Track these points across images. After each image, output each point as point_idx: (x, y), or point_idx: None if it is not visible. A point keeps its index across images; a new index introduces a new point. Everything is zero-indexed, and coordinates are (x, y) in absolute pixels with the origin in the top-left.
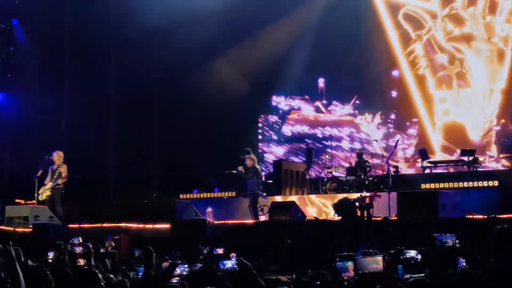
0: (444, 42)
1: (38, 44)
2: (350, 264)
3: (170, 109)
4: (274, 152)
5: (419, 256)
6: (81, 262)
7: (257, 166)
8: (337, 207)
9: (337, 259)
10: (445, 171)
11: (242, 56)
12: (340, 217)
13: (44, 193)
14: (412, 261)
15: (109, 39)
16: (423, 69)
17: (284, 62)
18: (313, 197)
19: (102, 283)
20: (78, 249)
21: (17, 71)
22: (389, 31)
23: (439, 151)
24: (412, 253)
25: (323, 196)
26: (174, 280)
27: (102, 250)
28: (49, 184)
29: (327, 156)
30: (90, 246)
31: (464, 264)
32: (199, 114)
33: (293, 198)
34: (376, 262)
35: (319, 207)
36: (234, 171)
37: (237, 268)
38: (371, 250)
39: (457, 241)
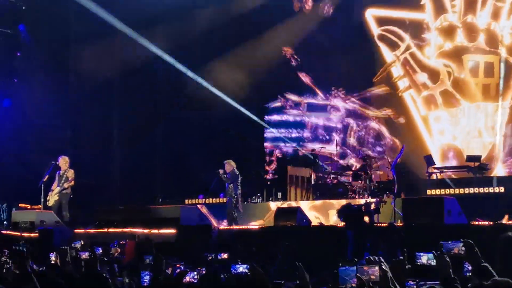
0: (426, 59)
1: (44, 49)
2: (353, 270)
3: (175, 113)
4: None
5: (432, 262)
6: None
7: (237, 172)
8: (341, 213)
9: (340, 264)
10: (451, 177)
11: (246, 57)
12: (344, 223)
13: (52, 198)
14: (425, 267)
15: (115, 43)
16: (406, 89)
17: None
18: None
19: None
20: (84, 254)
21: (23, 76)
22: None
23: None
24: (423, 258)
25: (319, 205)
26: None
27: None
28: (56, 189)
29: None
30: (101, 251)
31: (469, 269)
32: (204, 118)
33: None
34: (373, 272)
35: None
36: (216, 173)
37: (248, 273)
38: (375, 257)
39: (463, 248)
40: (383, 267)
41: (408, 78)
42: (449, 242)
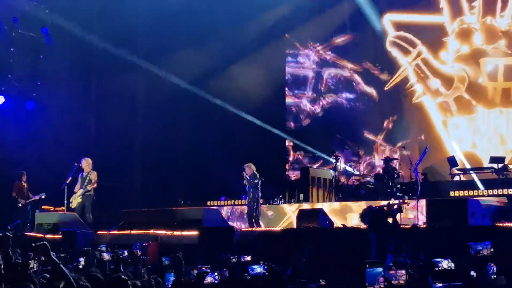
0: (439, 65)
1: (67, 51)
2: (379, 272)
3: (197, 115)
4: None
5: (452, 265)
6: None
7: (257, 175)
8: (365, 216)
9: (367, 265)
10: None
11: (267, 60)
12: (366, 225)
13: (75, 200)
14: (445, 271)
15: (136, 47)
16: (421, 95)
17: None
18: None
19: None
20: (107, 256)
21: (46, 79)
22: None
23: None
24: (444, 263)
25: (338, 208)
26: None
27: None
28: (79, 191)
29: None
30: (126, 253)
31: (494, 269)
32: (226, 120)
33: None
34: (400, 276)
35: None
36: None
37: (266, 274)
38: (400, 259)
39: (491, 249)
40: (410, 271)
41: (422, 84)
42: (478, 243)
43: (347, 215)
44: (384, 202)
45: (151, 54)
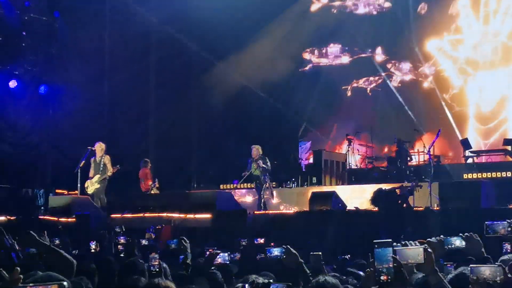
0: None
1: (80, 35)
2: (389, 252)
3: (209, 99)
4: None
5: (463, 243)
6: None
7: (266, 159)
8: (375, 198)
9: (376, 246)
10: (488, 161)
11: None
12: (377, 208)
13: (92, 186)
14: (457, 251)
15: (149, 30)
16: None
17: None
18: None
19: (147, 273)
20: (122, 239)
21: (59, 62)
22: None
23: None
24: (456, 242)
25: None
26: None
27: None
28: (96, 177)
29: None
30: (144, 241)
31: (509, 249)
32: (239, 103)
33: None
34: (417, 254)
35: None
36: (244, 175)
37: (284, 256)
38: (411, 242)
39: (509, 229)
40: (428, 249)
41: None
42: (495, 222)
43: (360, 197)
44: (397, 185)
45: (163, 37)
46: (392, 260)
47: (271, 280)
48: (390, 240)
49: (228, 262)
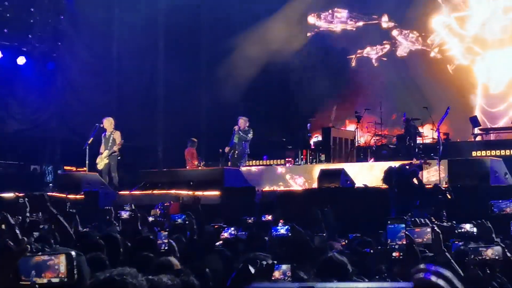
0: None
1: (88, 12)
2: (402, 227)
3: (217, 76)
4: None
5: (474, 229)
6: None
7: (250, 130)
8: (387, 177)
9: (388, 222)
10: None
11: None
12: (389, 186)
13: (102, 161)
14: (467, 235)
15: (159, 3)
16: None
17: None
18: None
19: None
20: (125, 214)
21: (67, 39)
22: None
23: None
24: (467, 226)
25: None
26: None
27: (150, 218)
28: (105, 152)
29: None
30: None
31: None
32: (247, 81)
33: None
34: (425, 234)
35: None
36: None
37: (290, 235)
38: (421, 219)
39: None
40: (436, 228)
41: None
42: (501, 201)
43: (369, 175)
44: (407, 162)
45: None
46: (404, 237)
47: (275, 262)
48: (403, 217)
49: (234, 236)
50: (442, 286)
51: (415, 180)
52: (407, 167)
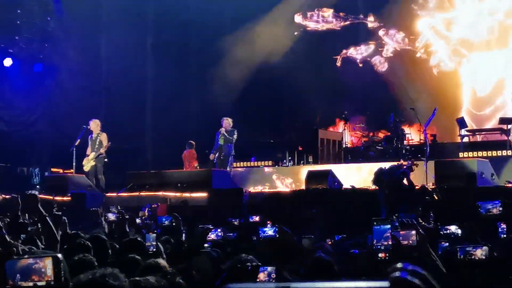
0: None
1: (76, 13)
2: (388, 229)
3: (206, 77)
4: None
5: (459, 231)
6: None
7: (235, 130)
8: (378, 178)
9: (374, 223)
10: (484, 139)
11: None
12: (377, 187)
13: (88, 163)
14: (452, 236)
15: (147, 4)
16: None
17: None
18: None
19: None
20: (112, 216)
21: (55, 40)
22: None
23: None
24: (452, 228)
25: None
26: (206, 245)
27: (137, 220)
28: (92, 155)
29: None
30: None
31: (505, 229)
32: (236, 82)
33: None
34: (410, 236)
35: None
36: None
37: (277, 236)
38: (408, 220)
39: (500, 208)
40: (420, 231)
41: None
42: (487, 202)
43: (356, 176)
44: (395, 163)
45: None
46: (390, 237)
47: (259, 264)
48: (389, 219)
49: (220, 238)
50: (418, 285)
51: (405, 181)
52: (397, 168)
